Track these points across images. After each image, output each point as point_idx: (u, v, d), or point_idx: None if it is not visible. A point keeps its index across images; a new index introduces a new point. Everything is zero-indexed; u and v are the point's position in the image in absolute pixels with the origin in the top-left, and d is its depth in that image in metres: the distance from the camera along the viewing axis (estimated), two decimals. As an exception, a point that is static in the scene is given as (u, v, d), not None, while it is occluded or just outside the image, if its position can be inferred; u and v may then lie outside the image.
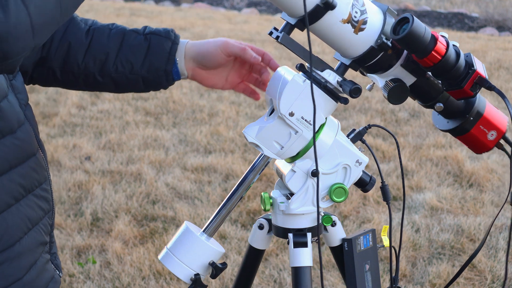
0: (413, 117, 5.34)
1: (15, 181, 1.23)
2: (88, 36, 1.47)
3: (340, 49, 1.38)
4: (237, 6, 12.03)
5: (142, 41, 1.47)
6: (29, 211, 1.27)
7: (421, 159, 4.44)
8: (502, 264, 3.16)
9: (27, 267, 1.27)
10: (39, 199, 1.30)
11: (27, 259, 1.27)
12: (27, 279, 1.27)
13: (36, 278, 1.30)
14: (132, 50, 1.46)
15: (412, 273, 3.12)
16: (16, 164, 1.23)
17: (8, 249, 1.23)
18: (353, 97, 1.36)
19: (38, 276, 1.30)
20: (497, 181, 4.09)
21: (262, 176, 4.00)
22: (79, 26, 1.48)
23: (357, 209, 3.69)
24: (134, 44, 1.47)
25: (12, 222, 1.22)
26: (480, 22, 10.22)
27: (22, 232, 1.25)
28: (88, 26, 1.49)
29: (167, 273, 3.05)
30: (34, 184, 1.28)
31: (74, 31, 1.47)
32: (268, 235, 1.59)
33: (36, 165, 1.28)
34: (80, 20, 1.50)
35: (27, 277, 1.27)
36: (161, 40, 1.47)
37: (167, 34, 1.48)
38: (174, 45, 1.47)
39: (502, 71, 6.80)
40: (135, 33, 1.48)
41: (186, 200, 3.82)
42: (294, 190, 1.45)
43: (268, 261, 3.17)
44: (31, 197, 1.27)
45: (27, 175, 1.26)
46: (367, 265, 1.55)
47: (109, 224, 3.52)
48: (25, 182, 1.25)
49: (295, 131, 1.38)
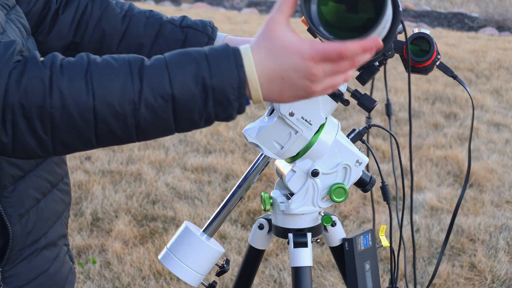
0: (413, 117, 5.34)
1: (42, 177, 1.25)
2: (124, 22, 1.40)
3: None
4: (237, 6, 12.03)
5: (179, 33, 1.40)
6: (54, 205, 1.29)
7: (421, 159, 4.44)
8: (502, 264, 3.16)
9: (51, 259, 1.30)
10: (62, 192, 1.32)
11: (51, 251, 1.30)
12: (52, 270, 1.30)
13: (60, 269, 1.33)
14: (167, 43, 1.40)
15: (412, 273, 3.12)
16: (41, 161, 1.24)
17: (36, 242, 1.25)
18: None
19: (61, 267, 1.33)
20: (497, 181, 4.09)
21: (262, 176, 4.00)
22: (114, 12, 1.41)
23: (357, 209, 3.69)
24: (170, 36, 1.40)
25: (41, 216, 1.25)
26: (480, 22, 10.22)
27: (48, 226, 1.28)
28: (124, 12, 1.41)
29: (167, 273, 3.05)
30: (58, 179, 1.30)
31: (109, 17, 1.40)
32: (268, 235, 1.59)
33: (58, 160, 1.30)
34: (115, 4, 1.42)
35: (52, 269, 1.30)
36: (198, 34, 1.40)
37: (204, 28, 1.41)
38: (210, 40, 1.41)
39: (502, 71, 6.80)
40: (172, 25, 1.41)
41: (186, 200, 3.81)
42: (294, 190, 1.45)
43: (268, 261, 3.17)
44: (55, 191, 1.29)
45: (51, 170, 1.27)
46: (367, 265, 1.55)
47: (109, 224, 3.52)
48: (51, 177, 1.27)
49: (295, 131, 1.38)
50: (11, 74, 0.93)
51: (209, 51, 0.97)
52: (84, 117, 0.94)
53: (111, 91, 0.94)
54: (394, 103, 5.59)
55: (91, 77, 0.94)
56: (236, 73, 0.96)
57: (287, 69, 0.98)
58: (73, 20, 1.38)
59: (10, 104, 0.92)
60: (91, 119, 0.94)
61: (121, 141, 0.99)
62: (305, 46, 0.97)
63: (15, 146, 0.95)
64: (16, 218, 1.18)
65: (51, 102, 0.92)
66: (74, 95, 0.93)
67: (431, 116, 5.33)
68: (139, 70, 0.95)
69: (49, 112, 0.93)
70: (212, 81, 0.95)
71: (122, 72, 0.95)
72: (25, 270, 1.24)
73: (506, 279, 3.06)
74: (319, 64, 0.97)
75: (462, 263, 3.18)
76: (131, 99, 0.94)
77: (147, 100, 0.95)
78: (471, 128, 1.49)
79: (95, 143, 0.98)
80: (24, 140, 0.94)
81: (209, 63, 0.96)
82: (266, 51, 0.98)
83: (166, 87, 0.95)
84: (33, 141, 0.95)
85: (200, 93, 0.95)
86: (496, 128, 5.14)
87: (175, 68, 0.96)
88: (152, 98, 0.95)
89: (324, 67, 0.98)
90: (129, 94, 0.94)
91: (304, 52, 0.97)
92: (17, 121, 0.93)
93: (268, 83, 0.98)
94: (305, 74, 0.98)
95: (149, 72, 0.95)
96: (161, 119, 0.97)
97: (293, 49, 0.97)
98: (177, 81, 0.95)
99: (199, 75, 0.95)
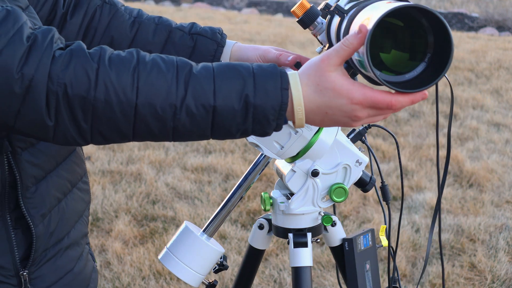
0: (413, 117, 5.34)
1: (63, 176, 1.25)
2: (133, 29, 1.41)
3: None
4: (237, 6, 12.03)
5: (188, 40, 1.41)
6: (75, 204, 1.30)
7: (421, 159, 4.44)
8: (502, 264, 3.16)
9: (75, 258, 1.31)
10: (81, 191, 1.33)
11: (75, 251, 1.31)
12: (77, 269, 1.31)
13: (84, 268, 1.34)
14: (176, 50, 1.40)
15: (412, 273, 3.12)
16: (61, 161, 1.25)
17: (59, 243, 1.26)
18: None
19: (85, 266, 1.35)
20: (497, 181, 4.09)
21: (262, 176, 4.00)
22: (123, 18, 1.41)
23: (357, 209, 3.69)
24: (179, 43, 1.41)
25: (62, 216, 1.26)
26: (480, 22, 10.22)
27: (70, 226, 1.29)
28: (133, 18, 1.42)
29: (167, 273, 3.05)
30: (77, 178, 1.31)
31: (118, 24, 1.40)
32: (268, 235, 1.59)
33: (77, 159, 1.31)
34: (124, 10, 1.43)
35: (76, 268, 1.31)
36: (207, 42, 1.41)
37: (213, 35, 1.41)
38: (219, 47, 1.41)
39: (502, 71, 6.80)
40: (181, 32, 1.41)
41: (186, 200, 3.81)
42: (294, 190, 1.45)
43: (268, 261, 3.17)
44: (75, 190, 1.30)
45: (71, 169, 1.28)
46: (367, 265, 1.55)
47: (109, 224, 3.52)
48: (71, 177, 1.28)
49: (295, 131, 1.38)
50: (55, 61, 0.94)
51: (257, 70, 0.99)
52: (125, 113, 0.96)
53: (155, 93, 0.96)
54: (394, 103, 5.59)
55: (137, 75, 0.96)
56: (279, 96, 0.98)
57: (332, 107, 1.01)
58: (81, 26, 1.38)
59: (54, 91, 0.94)
60: (131, 116, 0.97)
61: (157, 139, 1.01)
62: (355, 91, 1.00)
63: (56, 130, 0.97)
64: (38, 218, 1.19)
65: (95, 95, 0.94)
66: (119, 91, 0.95)
67: (431, 116, 5.33)
68: (185, 76, 0.97)
69: (92, 104, 0.95)
70: (255, 99, 0.97)
71: (169, 76, 0.97)
72: (50, 271, 1.25)
73: (506, 279, 3.06)
74: (365, 108, 1.01)
75: (462, 263, 3.18)
76: (173, 103, 0.96)
77: (188, 107, 0.97)
78: (451, 111, 1.48)
79: (131, 137, 1.00)
80: (65, 126, 0.97)
81: (256, 81, 0.98)
82: (316, 87, 1.01)
83: (210, 98, 0.97)
84: (74, 128, 0.97)
85: (241, 109, 0.98)
86: (496, 128, 5.14)
87: (221, 81, 0.98)
88: (193, 106, 0.97)
89: (370, 112, 1.02)
90: (172, 98, 0.96)
91: (353, 97, 1.00)
92: (60, 108, 0.95)
93: (312, 115, 1.02)
94: (350, 115, 1.02)
95: (195, 80, 0.97)
96: (199, 127, 0.99)
97: (343, 92, 1.00)
98: (221, 94, 0.97)
99: (244, 92, 0.97)
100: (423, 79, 1.04)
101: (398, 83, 1.04)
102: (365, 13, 1.09)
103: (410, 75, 1.05)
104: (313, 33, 1.38)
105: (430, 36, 1.03)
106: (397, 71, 1.05)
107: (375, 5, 1.09)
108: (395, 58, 1.07)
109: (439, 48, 1.03)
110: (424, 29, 1.03)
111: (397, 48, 1.06)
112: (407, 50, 1.06)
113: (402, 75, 1.05)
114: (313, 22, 1.35)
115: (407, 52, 1.06)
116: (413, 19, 1.03)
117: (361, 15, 1.10)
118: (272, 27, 9.65)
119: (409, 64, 1.06)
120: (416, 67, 1.05)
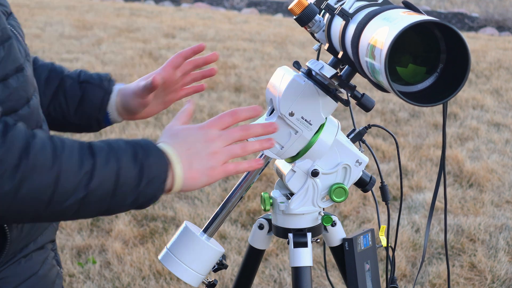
0: (413, 117, 5.34)
1: None
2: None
3: None
4: (237, 6, 12.02)
5: (77, 90, 1.44)
6: None
7: (421, 159, 4.44)
8: (502, 264, 3.16)
9: (40, 262, 1.31)
10: None
11: (41, 255, 1.31)
12: (41, 273, 1.31)
13: (48, 272, 1.34)
14: (65, 97, 1.44)
15: (412, 273, 3.12)
16: None
17: (26, 247, 1.27)
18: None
19: (49, 270, 1.35)
20: (497, 181, 4.09)
21: (262, 176, 4.00)
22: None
23: (357, 209, 3.69)
24: (69, 91, 1.44)
25: (37, 224, 1.26)
26: (480, 22, 10.22)
27: (40, 232, 1.29)
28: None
29: (167, 273, 3.05)
30: None
31: None
32: (268, 235, 1.59)
33: None
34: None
35: (41, 272, 1.31)
36: (95, 89, 1.44)
37: (100, 83, 1.45)
38: (106, 95, 1.44)
39: (502, 71, 6.80)
40: (71, 79, 1.45)
41: (186, 200, 3.81)
42: (294, 190, 1.45)
43: (268, 261, 3.17)
44: None
45: None
46: (367, 265, 1.55)
47: (109, 224, 3.52)
48: None
49: (295, 131, 1.38)
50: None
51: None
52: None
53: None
54: (394, 103, 5.59)
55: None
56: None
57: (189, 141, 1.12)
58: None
59: None
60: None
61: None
62: (197, 125, 1.14)
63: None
64: (14, 224, 1.19)
65: None
66: None
67: (431, 116, 5.33)
68: None
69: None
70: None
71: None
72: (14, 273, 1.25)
73: (506, 279, 3.06)
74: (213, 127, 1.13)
75: (462, 263, 3.18)
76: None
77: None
78: (444, 113, 1.48)
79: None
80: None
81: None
82: (169, 135, 1.14)
83: None
84: None
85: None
86: (496, 128, 5.14)
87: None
88: None
89: (219, 132, 1.14)
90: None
91: (199, 124, 1.14)
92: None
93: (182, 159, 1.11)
94: (204, 139, 1.12)
95: None
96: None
97: (190, 127, 1.14)
98: None
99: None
100: (435, 89, 1.03)
101: (409, 94, 1.03)
102: (378, 22, 1.07)
103: (422, 85, 1.05)
104: (310, 31, 1.37)
105: (442, 44, 1.03)
106: (408, 81, 1.05)
107: (391, 15, 1.08)
108: (409, 69, 1.06)
109: (451, 59, 1.02)
110: (437, 40, 1.02)
111: (411, 60, 1.06)
112: (421, 63, 1.05)
113: (414, 85, 1.05)
114: (311, 20, 1.34)
115: (421, 64, 1.05)
116: (427, 30, 1.02)
117: (374, 24, 1.08)
118: (272, 27, 9.64)
119: (422, 75, 1.05)
120: (427, 78, 1.05)
